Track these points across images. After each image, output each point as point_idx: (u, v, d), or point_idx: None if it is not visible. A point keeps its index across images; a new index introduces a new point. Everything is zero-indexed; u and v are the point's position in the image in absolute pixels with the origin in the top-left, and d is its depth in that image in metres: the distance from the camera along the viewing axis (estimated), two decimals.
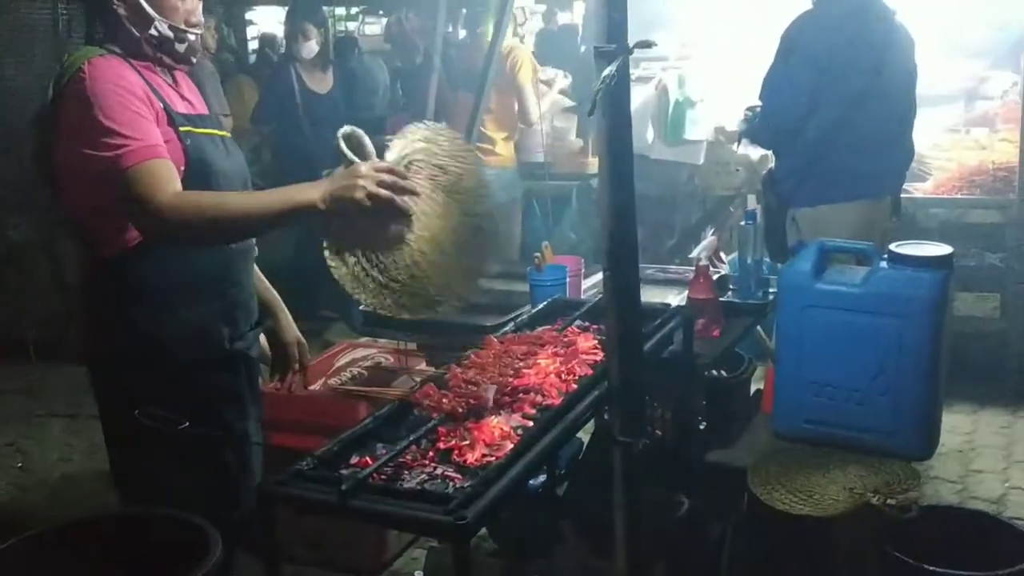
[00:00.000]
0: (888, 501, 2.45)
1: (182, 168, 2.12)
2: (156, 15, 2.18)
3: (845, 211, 3.74)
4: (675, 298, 3.34)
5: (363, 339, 3.83)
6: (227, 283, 2.30)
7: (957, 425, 4.52)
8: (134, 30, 2.18)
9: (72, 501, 4.26)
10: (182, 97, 2.27)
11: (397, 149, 2.11)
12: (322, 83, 6.07)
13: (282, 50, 8.00)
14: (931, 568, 2.42)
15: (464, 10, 8.67)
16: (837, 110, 3.71)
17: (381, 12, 11.28)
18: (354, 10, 12.78)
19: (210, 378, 2.28)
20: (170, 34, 2.20)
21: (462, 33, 9.10)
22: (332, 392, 3.41)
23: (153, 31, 2.18)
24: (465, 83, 6.11)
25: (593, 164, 6.17)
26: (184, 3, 2.22)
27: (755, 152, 5.50)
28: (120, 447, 2.33)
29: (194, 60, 2.30)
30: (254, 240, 2.40)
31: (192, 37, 2.25)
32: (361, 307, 2.23)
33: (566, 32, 9.65)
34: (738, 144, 4.80)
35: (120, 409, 2.23)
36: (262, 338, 2.55)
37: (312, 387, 3.39)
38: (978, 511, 3.24)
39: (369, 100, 7.48)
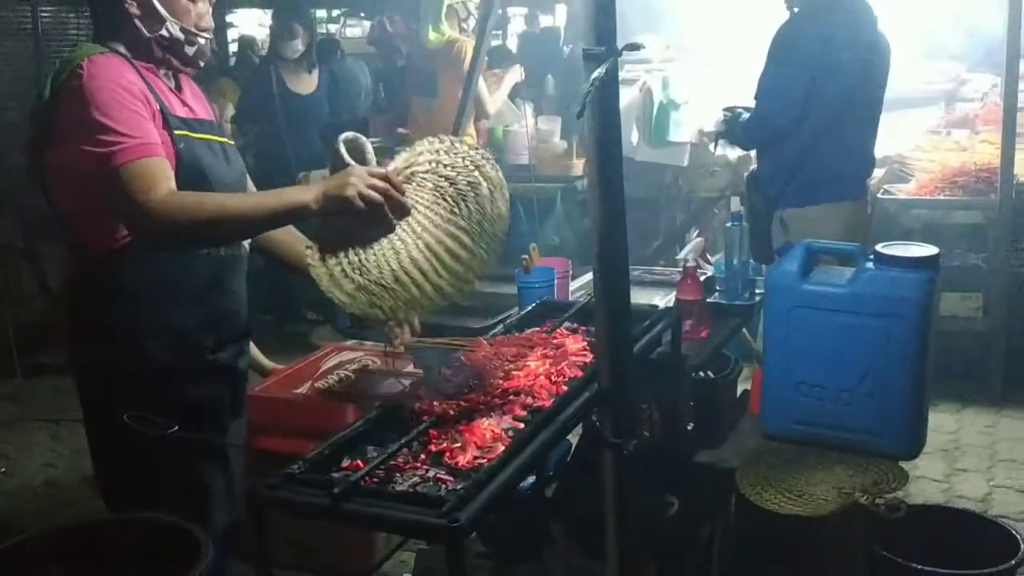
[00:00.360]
0: (876, 500, 2.46)
1: (172, 172, 2.11)
2: (168, 16, 2.18)
3: (833, 212, 3.77)
4: (661, 300, 3.35)
5: (349, 342, 3.81)
6: (215, 290, 2.28)
7: (941, 424, 4.56)
8: (145, 30, 2.17)
9: (56, 506, 4.25)
10: (183, 103, 2.26)
11: (400, 160, 2.14)
12: (305, 84, 6.04)
13: (262, 52, 7.98)
14: (918, 566, 2.44)
15: None
16: (828, 112, 3.74)
17: (362, 15, 11.25)
18: (335, 12, 12.74)
19: (188, 388, 2.25)
20: (180, 36, 2.21)
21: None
22: (320, 395, 3.40)
23: (164, 32, 2.18)
24: (414, 87, 6.07)
25: (578, 166, 6.17)
26: (195, 7, 2.23)
27: (733, 153, 5.52)
28: (103, 452, 2.31)
29: (202, 64, 2.30)
30: (246, 246, 2.38)
31: (202, 41, 2.26)
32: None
33: (548, 35, 9.65)
34: (715, 145, 4.79)
35: (103, 413, 2.22)
36: (252, 348, 2.52)
37: (298, 391, 3.39)
38: (964, 510, 3.28)
39: (351, 102, 7.45)
